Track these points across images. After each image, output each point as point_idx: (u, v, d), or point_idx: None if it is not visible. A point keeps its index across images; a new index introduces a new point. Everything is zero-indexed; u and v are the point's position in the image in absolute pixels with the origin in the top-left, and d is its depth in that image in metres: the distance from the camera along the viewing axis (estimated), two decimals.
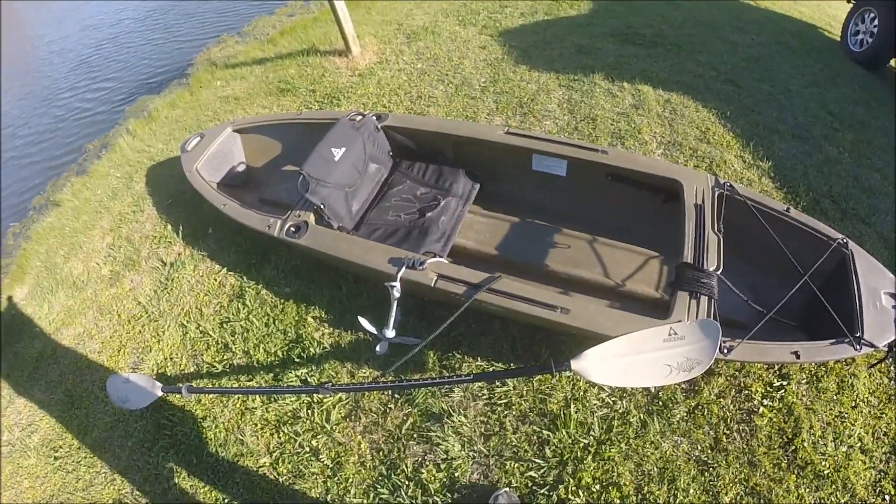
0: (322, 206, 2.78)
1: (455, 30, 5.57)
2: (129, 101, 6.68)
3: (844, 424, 2.44)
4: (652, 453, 2.33)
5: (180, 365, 3.06)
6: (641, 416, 2.44)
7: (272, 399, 2.74)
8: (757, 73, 4.58)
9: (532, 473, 2.32)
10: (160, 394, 2.55)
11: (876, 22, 4.94)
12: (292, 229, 2.74)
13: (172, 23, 9.47)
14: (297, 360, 2.84)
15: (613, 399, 2.49)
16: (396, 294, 2.41)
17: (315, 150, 2.89)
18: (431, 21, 5.83)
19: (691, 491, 2.24)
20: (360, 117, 3.19)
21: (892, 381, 2.60)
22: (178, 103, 5.60)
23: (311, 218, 2.78)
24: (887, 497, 2.27)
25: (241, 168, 3.71)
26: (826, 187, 3.39)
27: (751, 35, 5.31)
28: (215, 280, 3.40)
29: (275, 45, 6.24)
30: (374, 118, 3.24)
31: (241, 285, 3.30)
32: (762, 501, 2.23)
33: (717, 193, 2.54)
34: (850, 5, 5.37)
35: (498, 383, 2.57)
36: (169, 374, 3.03)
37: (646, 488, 2.25)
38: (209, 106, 5.26)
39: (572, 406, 2.47)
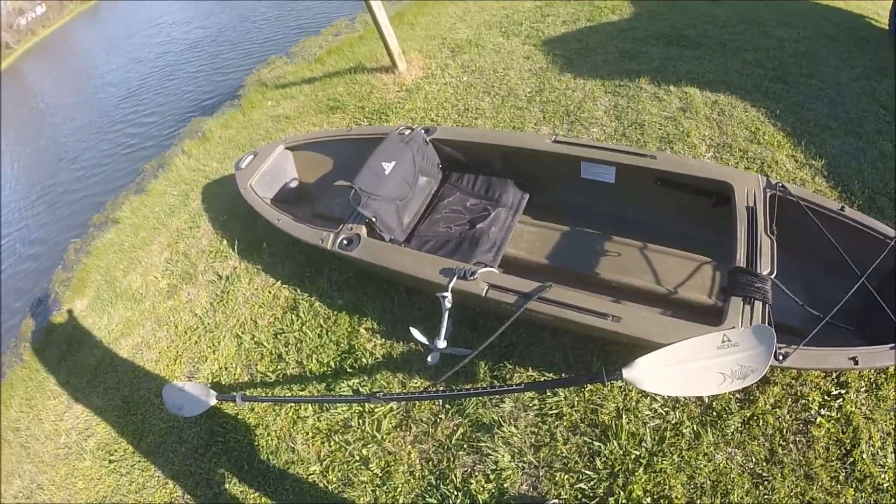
0: (374, 219, 2.83)
1: (499, 41, 5.59)
2: (182, 122, 7.03)
3: None
4: (705, 465, 2.26)
5: (234, 374, 3.14)
6: (694, 426, 2.37)
7: (324, 408, 2.78)
8: (805, 69, 4.43)
9: (582, 485, 2.28)
10: (214, 402, 2.65)
11: None
12: (345, 242, 2.80)
13: (219, 50, 9.93)
14: (349, 370, 2.88)
15: (666, 409, 2.43)
16: (448, 305, 2.43)
17: (366, 165, 2.95)
18: (475, 34, 5.87)
19: None
20: (408, 131, 3.24)
21: None
22: (231, 123, 5.83)
23: (364, 231, 2.84)
24: None
25: (293, 184, 3.82)
26: (882, 184, 3.23)
27: (796, 29, 5.13)
28: (270, 293, 3.49)
29: (322, 64, 6.42)
30: (423, 132, 3.28)
31: (294, 297, 3.38)
32: None
33: (768, 195, 2.47)
34: None
35: (549, 393, 2.55)
36: (223, 383, 3.12)
37: (698, 501, 2.19)
38: (261, 125, 5.44)
39: (624, 417, 2.42)
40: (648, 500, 2.22)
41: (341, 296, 3.27)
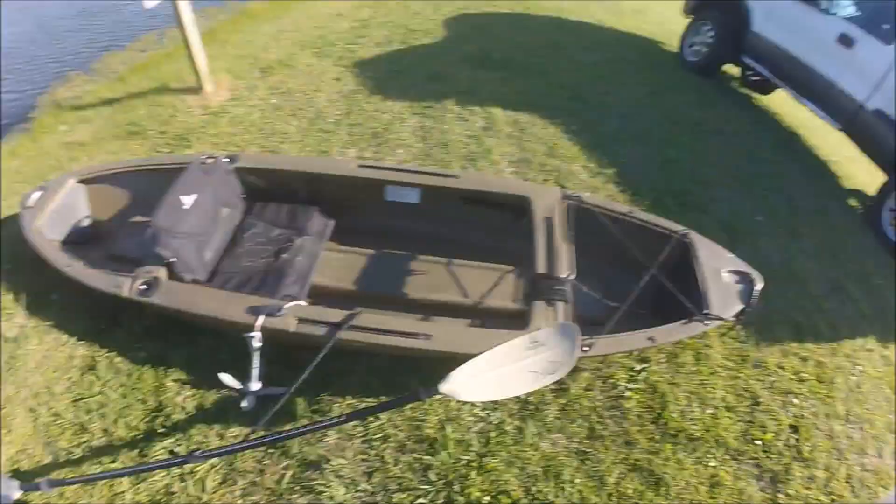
0: (173, 259, 2.65)
1: (311, 62, 5.54)
2: None
3: (706, 389, 2.69)
4: (533, 455, 2.42)
5: (36, 456, 2.70)
6: (516, 422, 2.52)
7: (141, 478, 2.52)
8: (602, 88, 4.85)
9: (422, 500, 2.31)
10: (18, 494, 2.29)
11: (712, 33, 5.46)
12: (143, 287, 2.58)
13: (10, 65, 8.71)
14: (161, 430, 2.64)
15: (487, 412, 2.55)
16: (257, 344, 2.35)
17: (164, 199, 2.77)
18: (287, 54, 5.74)
19: (577, 480, 2.36)
20: (210, 160, 3.09)
21: (742, 345, 2.93)
22: (19, 152, 5.05)
23: (163, 273, 2.63)
24: (758, 443, 2.53)
25: (86, 222, 3.43)
26: (666, 185, 3.67)
27: (597, 53, 5.66)
28: (64, 352, 3.05)
29: (125, 83, 5.88)
30: (226, 160, 3.14)
31: (92, 355, 2.99)
32: (645, 474, 2.39)
33: (565, 204, 2.71)
34: (689, 20, 5.90)
35: (372, 418, 2.55)
36: (24, 468, 2.66)
37: (534, 488, 2.33)
38: (52, 154, 4.80)
39: (448, 427, 2.50)
40: (487, 499, 2.30)
41: (143, 347, 2.96)
